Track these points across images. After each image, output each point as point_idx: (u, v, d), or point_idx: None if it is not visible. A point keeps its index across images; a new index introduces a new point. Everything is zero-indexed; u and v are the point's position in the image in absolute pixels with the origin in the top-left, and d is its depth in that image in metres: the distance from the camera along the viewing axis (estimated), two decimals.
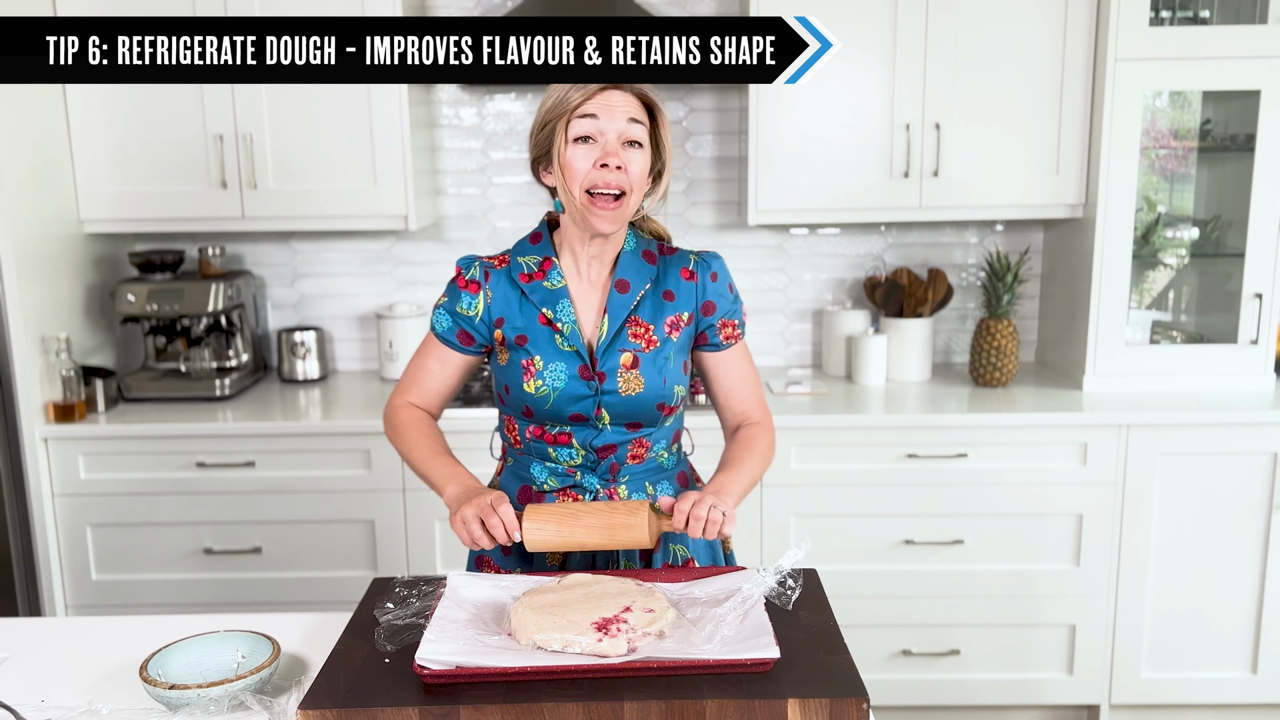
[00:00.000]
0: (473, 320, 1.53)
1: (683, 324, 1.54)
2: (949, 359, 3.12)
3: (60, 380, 2.57)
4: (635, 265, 1.53)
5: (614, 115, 1.41)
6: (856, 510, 2.58)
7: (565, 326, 1.49)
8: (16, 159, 2.48)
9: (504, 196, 3.05)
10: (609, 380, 1.49)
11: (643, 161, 1.45)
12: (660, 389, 1.50)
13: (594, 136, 1.42)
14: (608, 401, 1.49)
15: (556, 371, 1.48)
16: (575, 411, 1.49)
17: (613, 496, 1.54)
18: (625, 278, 1.52)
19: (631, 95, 1.43)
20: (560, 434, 1.52)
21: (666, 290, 1.54)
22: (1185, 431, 2.52)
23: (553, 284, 1.51)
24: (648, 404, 1.50)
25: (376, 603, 1.37)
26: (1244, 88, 2.59)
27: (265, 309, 3.12)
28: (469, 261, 1.55)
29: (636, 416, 1.51)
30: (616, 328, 1.50)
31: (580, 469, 1.54)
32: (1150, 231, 2.78)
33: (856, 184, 2.70)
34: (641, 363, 1.50)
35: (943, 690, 2.67)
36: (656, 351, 1.51)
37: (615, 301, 1.51)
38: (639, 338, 1.51)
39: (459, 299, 1.54)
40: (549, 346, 1.49)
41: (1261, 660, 2.62)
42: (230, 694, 1.24)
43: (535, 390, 1.49)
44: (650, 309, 1.52)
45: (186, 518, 2.61)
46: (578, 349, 1.49)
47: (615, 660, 1.18)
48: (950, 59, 2.63)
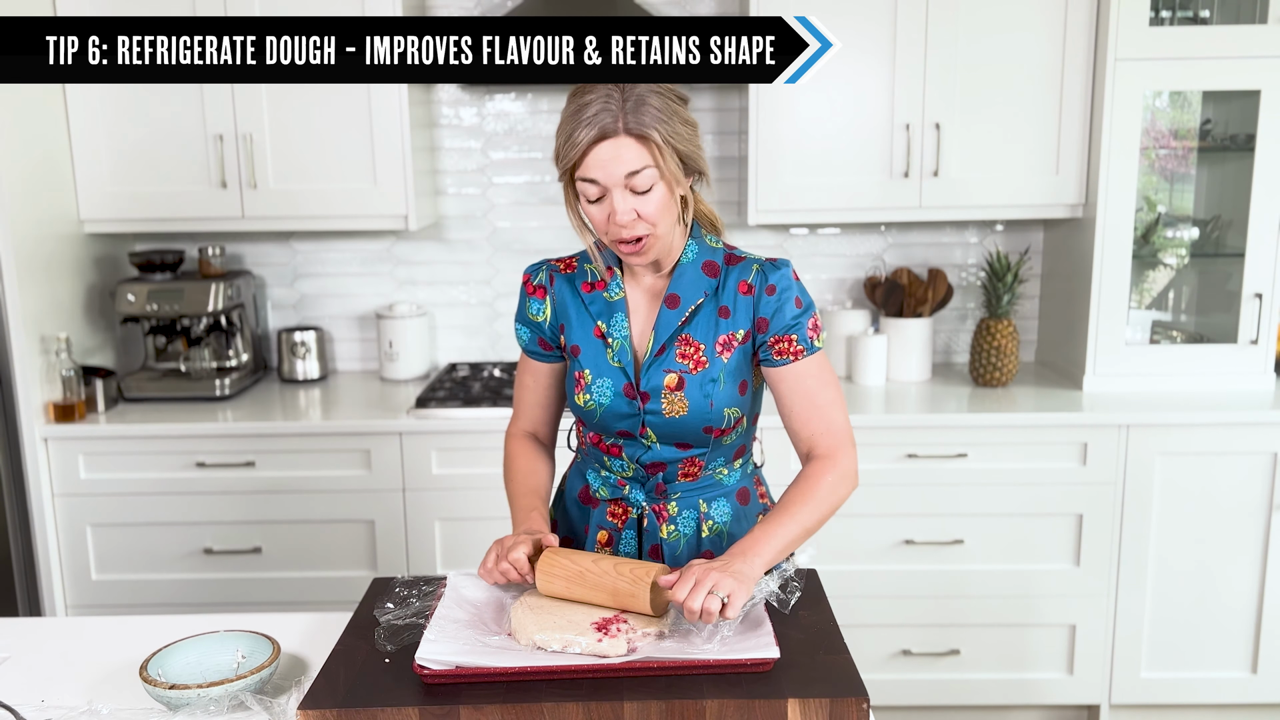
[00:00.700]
0: (543, 326, 1.52)
1: (736, 343, 1.45)
2: (949, 359, 3.12)
3: (60, 380, 2.57)
4: (692, 278, 1.45)
5: (610, 172, 1.33)
6: (856, 510, 2.58)
7: (615, 342, 1.46)
8: (16, 159, 2.48)
9: (504, 196, 3.05)
10: (652, 401, 1.44)
11: (657, 198, 1.37)
12: (706, 413, 1.43)
13: (601, 194, 1.36)
14: (651, 422, 1.45)
15: (603, 387, 1.46)
16: (622, 428, 1.47)
17: (661, 513, 1.50)
18: (677, 292, 1.45)
19: (624, 139, 1.32)
20: (613, 445, 1.50)
21: (723, 306, 1.45)
22: (1185, 431, 2.52)
23: (612, 295, 1.48)
24: (693, 427, 1.44)
25: (376, 603, 1.37)
26: (1244, 88, 2.59)
27: (265, 309, 3.12)
28: (537, 267, 1.53)
29: (683, 438, 1.46)
30: (660, 346, 1.44)
31: (630, 482, 1.52)
32: (1150, 231, 2.78)
33: (856, 184, 2.70)
34: (687, 384, 1.43)
35: (943, 690, 2.66)
36: (704, 373, 1.43)
37: (663, 318, 1.45)
38: (687, 358, 1.44)
39: (528, 305, 1.53)
40: (600, 360, 1.47)
41: (1261, 660, 2.62)
42: (230, 694, 1.24)
43: (584, 404, 1.47)
44: (704, 326, 1.45)
45: (186, 518, 2.61)
46: (625, 366, 1.45)
47: (615, 660, 1.18)
48: (950, 59, 2.63)
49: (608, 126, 1.32)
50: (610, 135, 1.32)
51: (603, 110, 1.32)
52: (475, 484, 2.56)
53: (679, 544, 1.51)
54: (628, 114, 1.32)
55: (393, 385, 2.95)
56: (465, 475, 2.57)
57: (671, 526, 1.51)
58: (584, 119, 1.33)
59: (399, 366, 2.97)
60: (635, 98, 1.33)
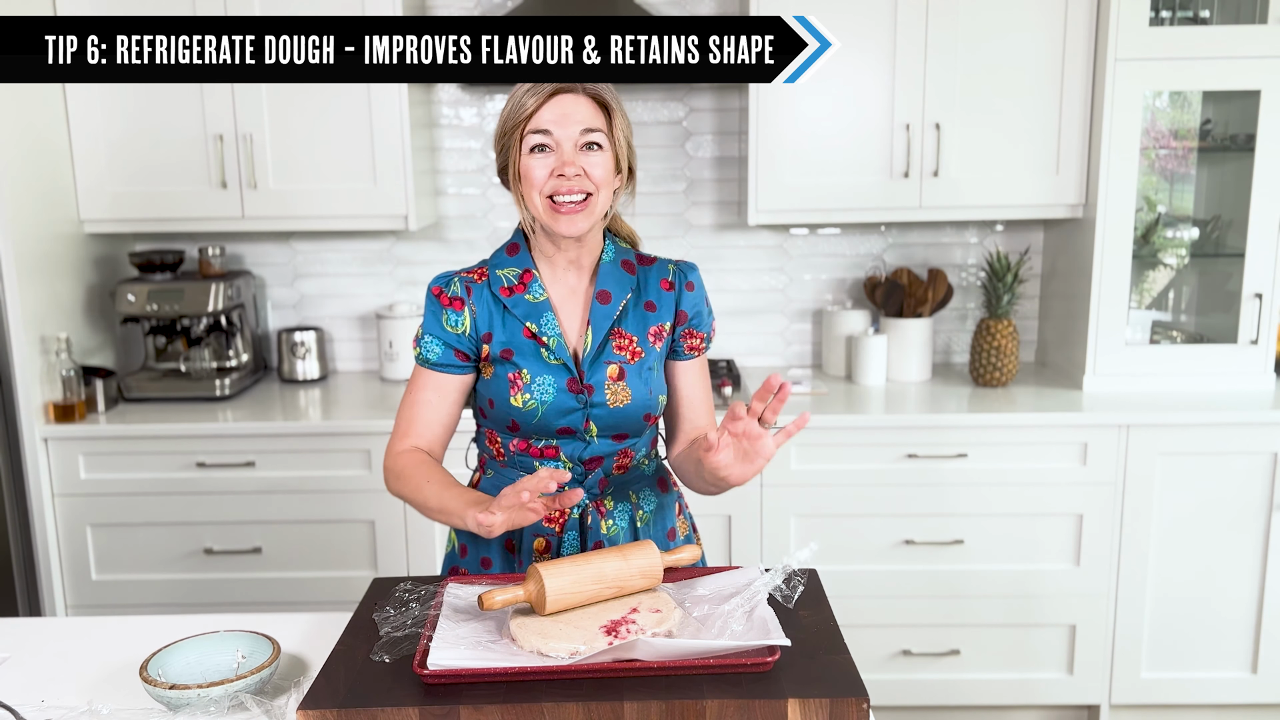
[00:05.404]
0: (462, 337, 1.49)
1: (665, 333, 1.53)
2: (949, 359, 3.12)
3: (60, 380, 2.57)
4: (615, 275, 1.52)
5: (567, 124, 1.39)
6: (856, 510, 2.58)
7: (551, 340, 1.47)
8: (16, 159, 2.48)
9: (504, 196, 3.05)
10: (597, 393, 1.47)
11: (604, 162, 1.42)
12: (647, 399, 1.50)
13: (549, 145, 1.40)
14: (596, 414, 1.48)
15: (545, 385, 1.47)
16: (564, 425, 1.47)
17: (599, 508, 1.53)
18: (606, 288, 1.50)
19: (585, 98, 1.41)
20: (547, 448, 1.50)
21: (648, 301, 1.53)
22: (1185, 431, 2.52)
23: (534, 297, 1.49)
24: (635, 415, 1.49)
25: (376, 607, 1.36)
26: (1244, 88, 2.59)
27: (265, 309, 3.12)
28: (447, 279, 1.51)
29: (624, 428, 1.50)
30: (601, 339, 1.49)
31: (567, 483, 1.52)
32: (1150, 231, 2.78)
33: (856, 184, 2.70)
34: (628, 374, 1.49)
35: (943, 690, 2.66)
36: (641, 362, 1.50)
37: (598, 313, 1.49)
38: (623, 349, 1.50)
39: (444, 317, 1.49)
40: (535, 360, 1.47)
41: (1261, 660, 2.61)
42: (230, 694, 1.24)
43: (523, 404, 1.47)
44: (633, 320, 1.51)
45: (186, 518, 2.61)
46: (565, 362, 1.47)
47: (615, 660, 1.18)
48: (950, 59, 2.63)
49: (565, 86, 1.39)
50: (569, 91, 1.40)
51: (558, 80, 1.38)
52: None
53: (618, 538, 1.54)
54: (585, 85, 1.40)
55: (393, 385, 2.95)
56: (465, 475, 2.56)
57: (610, 521, 1.54)
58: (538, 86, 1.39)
59: (399, 366, 2.97)
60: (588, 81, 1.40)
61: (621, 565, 1.30)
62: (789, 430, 1.30)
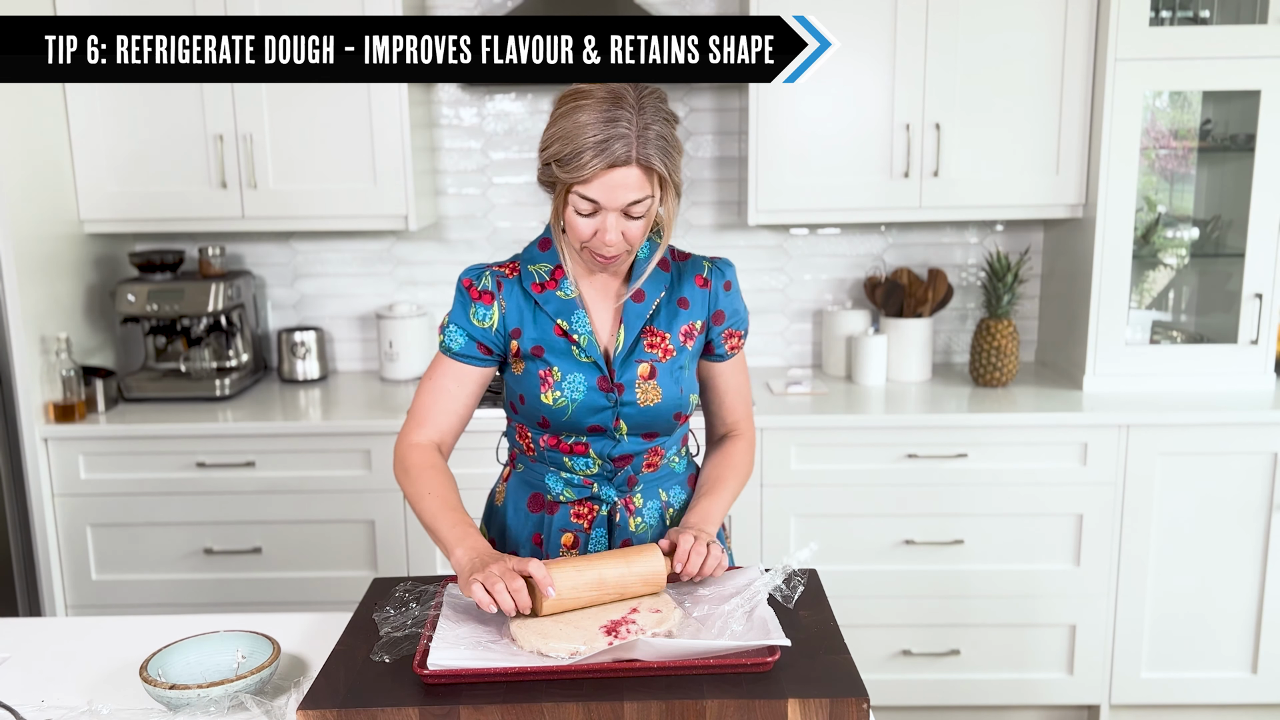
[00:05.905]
0: (488, 332, 1.48)
1: (696, 332, 1.52)
2: (949, 359, 3.12)
3: (60, 380, 2.57)
4: (651, 274, 1.50)
5: (613, 198, 1.34)
6: (856, 510, 2.58)
7: (582, 338, 1.46)
8: (16, 159, 2.48)
9: (504, 197, 3.05)
10: (627, 391, 1.46)
11: (644, 226, 1.39)
12: (677, 398, 1.49)
13: (594, 211, 1.36)
14: (626, 413, 1.47)
15: (575, 383, 1.46)
16: (594, 423, 1.47)
17: (629, 506, 1.53)
18: (641, 287, 1.49)
19: (639, 171, 1.33)
20: (577, 444, 1.49)
21: (681, 298, 1.51)
22: (1185, 431, 2.52)
23: (566, 294, 1.48)
24: (665, 414, 1.49)
25: (376, 607, 1.36)
26: (1244, 88, 2.59)
27: (265, 309, 3.12)
28: (478, 271, 1.49)
29: (654, 427, 1.49)
30: (633, 338, 1.48)
31: (597, 479, 1.52)
32: (1150, 231, 2.78)
33: (856, 184, 2.70)
34: (659, 373, 1.48)
35: (943, 690, 2.66)
36: (673, 361, 1.49)
37: (631, 311, 1.48)
38: (655, 347, 1.49)
39: (472, 310, 1.48)
40: (567, 358, 1.47)
41: (1261, 660, 2.61)
42: (230, 694, 1.24)
43: (554, 401, 1.46)
44: (666, 318, 1.50)
45: (186, 518, 2.61)
46: (596, 360, 1.47)
47: (615, 660, 1.18)
48: (950, 59, 2.63)
49: (621, 156, 1.31)
50: (623, 165, 1.32)
51: (618, 137, 1.30)
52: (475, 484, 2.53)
53: (646, 535, 1.54)
54: (639, 143, 1.32)
55: (393, 385, 2.95)
56: (465, 475, 2.55)
57: (639, 519, 1.54)
58: (596, 139, 1.30)
59: (399, 366, 2.97)
60: (643, 124, 1.32)
61: (623, 571, 1.30)
62: None
